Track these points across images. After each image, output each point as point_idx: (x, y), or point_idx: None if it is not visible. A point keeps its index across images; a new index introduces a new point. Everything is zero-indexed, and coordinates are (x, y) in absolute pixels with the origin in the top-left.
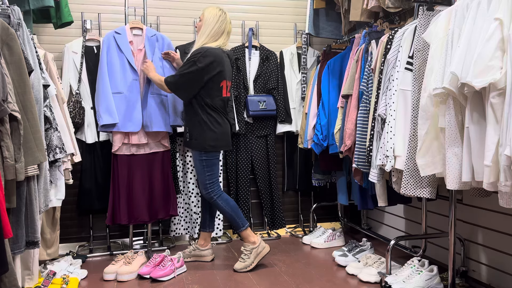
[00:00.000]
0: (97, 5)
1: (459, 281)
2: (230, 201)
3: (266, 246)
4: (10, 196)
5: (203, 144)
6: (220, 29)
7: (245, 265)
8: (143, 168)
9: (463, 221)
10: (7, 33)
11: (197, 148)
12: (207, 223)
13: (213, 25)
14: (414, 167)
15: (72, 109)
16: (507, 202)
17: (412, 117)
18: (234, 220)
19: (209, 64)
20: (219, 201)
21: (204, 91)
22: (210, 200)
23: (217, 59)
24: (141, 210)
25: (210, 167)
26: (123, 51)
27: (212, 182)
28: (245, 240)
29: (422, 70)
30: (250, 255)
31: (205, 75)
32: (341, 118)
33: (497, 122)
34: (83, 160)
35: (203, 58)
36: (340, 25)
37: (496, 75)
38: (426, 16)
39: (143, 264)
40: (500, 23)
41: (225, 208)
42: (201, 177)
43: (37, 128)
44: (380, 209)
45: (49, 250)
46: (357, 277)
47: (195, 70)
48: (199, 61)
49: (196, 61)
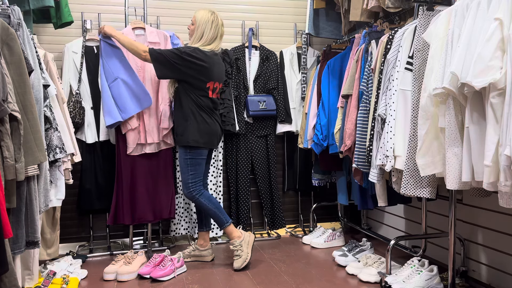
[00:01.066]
0: (97, 5)
1: (459, 281)
2: (212, 198)
3: (251, 234)
4: (10, 196)
5: (186, 138)
6: (214, 35)
7: (242, 259)
8: (146, 167)
9: (463, 221)
10: (7, 33)
11: (181, 143)
12: (203, 222)
13: (208, 31)
14: (414, 167)
15: (72, 109)
16: (507, 202)
17: (412, 117)
18: (218, 217)
19: (195, 60)
20: (201, 199)
21: (189, 87)
22: (192, 199)
23: (205, 59)
24: (145, 210)
25: (193, 166)
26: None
27: (195, 182)
28: (230, 236)
29: (422, 70)
30: (241, 248)
31: (187, 67)
32: (341, 118)
33: (497, 122)
34: (83, 160)
35: (191, 52)
36: (340, 25)
37: (496, 75)
38: (426, 16)
39: (143, 264)
40: (500, 23)
41: (208, 206)
42: (184, 176)
43: (37, 128)
44: (380, 209)
45: (49, 250)
46: (357, 277)
47: (179, 55)
48: (186, 53)
49: (183, 52)
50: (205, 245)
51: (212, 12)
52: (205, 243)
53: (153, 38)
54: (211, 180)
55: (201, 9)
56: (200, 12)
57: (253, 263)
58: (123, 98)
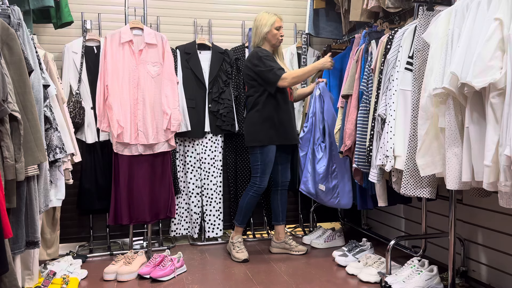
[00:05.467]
0: (97, 5)
1: (459, 281)
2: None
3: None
4: (10, 196)
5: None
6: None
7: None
8: (144, 167)
9: (463, 221)
10: (7, 33)
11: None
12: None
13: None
14: (414, 167)
15: (72, 109)
16: (507, 202)
17: (412, 117)
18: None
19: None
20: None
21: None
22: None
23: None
24: (142, 210)
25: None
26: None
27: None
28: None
29: (422, 70)
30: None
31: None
32: (341, 118)
33: (497, 122)
34: (83, 160)
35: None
36: (340, 25)
37: (496, 75)
38: (426, 16)
39: (143, 264)
40: (500, 23)
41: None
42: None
43: (37, 128)
44: (380, 209)
45: (49, 250)
46: (357, 277)
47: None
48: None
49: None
50: (280, 238)
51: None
52: (280, 235)
53: (151, 40)
54: (211, 180)
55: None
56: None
57: (253, 263)
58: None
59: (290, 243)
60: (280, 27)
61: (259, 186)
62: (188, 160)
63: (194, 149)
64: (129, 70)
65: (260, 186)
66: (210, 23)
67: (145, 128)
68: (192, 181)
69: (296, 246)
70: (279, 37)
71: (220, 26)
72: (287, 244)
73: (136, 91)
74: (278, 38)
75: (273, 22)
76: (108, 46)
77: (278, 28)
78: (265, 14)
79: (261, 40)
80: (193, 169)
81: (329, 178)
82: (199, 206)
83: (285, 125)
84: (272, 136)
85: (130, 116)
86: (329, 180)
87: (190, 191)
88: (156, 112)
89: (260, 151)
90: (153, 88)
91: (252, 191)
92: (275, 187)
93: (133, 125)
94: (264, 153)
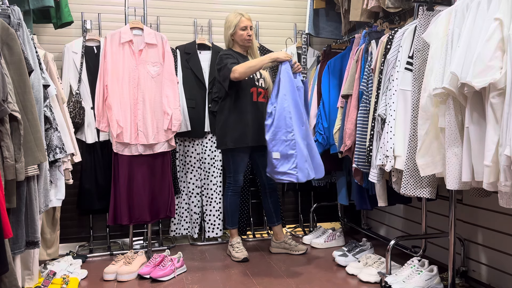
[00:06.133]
0: (97, 5)
1: (459, 281)
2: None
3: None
4: (10, 196)
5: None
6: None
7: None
8: (144, 167)
9: (463, 221)
10: (7, 33)
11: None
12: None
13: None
14: (414, 167)
15: (72, 109)
16: (507, 202)
17: (412, 117)
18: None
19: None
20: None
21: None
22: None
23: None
24: (142, 210)
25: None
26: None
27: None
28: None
29: (422, 70)
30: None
31: None
32: (341, 118)
33: (497, 122)
34: (83, 160)
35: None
36: (340, 25)
37: (496, 75)
38: (426, 16)
39: (143, 264)
40: (500, 23)
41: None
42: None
43: (37, 128)
44: (380, 209)
45: (49, 250)
46: (357, 277)
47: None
48: None
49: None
50: (279, 238)
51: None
52: (278, 236)
53: (151, 40)
54: (211, 180)
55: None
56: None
57: (253, 263)
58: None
59: (290, 243)
60: (246, 27)
61: (235, 184)
62: (188, 160)
63: (194, 149)
64: (129, 70)
65: (236, 184)
66: (210, 23)
67: (145, 128)
68: (192, 181)
69: (296, 246)
70: (246, 37)
71: (220, 26)
72: (287, 244)
73: (136, 91)
74: (245, 39)
75: (237, 22)
76: (108, 46)
77: (244, 28)
78: (231, 15)
79: (229, 42)
80: (193, 169)
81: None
82: (199, 206)
83: (250, 126)
84: (236, 139)
85: (130, 116)
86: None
87: (190, 191)
88: (156, 112)
89: (231, 153)
90: (153, 88)
91: (230, 190)
92: (263, 190)
93: (133, 125)
94: (234, 155)
